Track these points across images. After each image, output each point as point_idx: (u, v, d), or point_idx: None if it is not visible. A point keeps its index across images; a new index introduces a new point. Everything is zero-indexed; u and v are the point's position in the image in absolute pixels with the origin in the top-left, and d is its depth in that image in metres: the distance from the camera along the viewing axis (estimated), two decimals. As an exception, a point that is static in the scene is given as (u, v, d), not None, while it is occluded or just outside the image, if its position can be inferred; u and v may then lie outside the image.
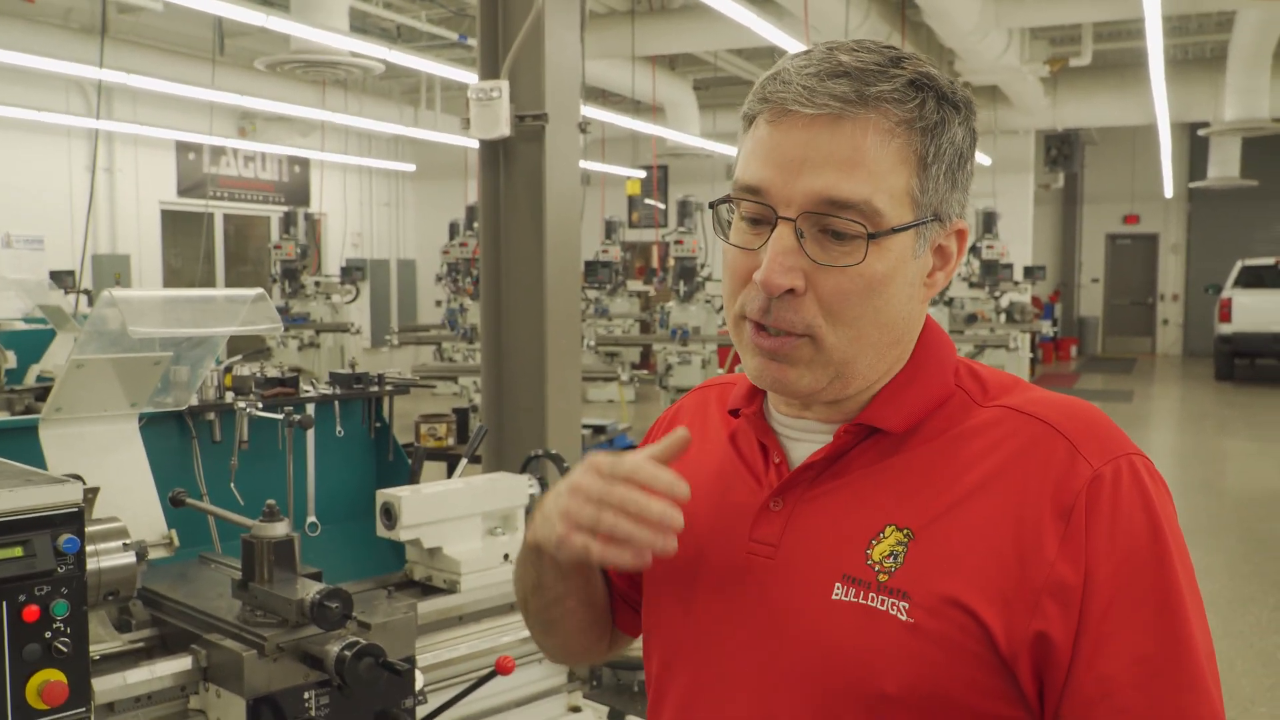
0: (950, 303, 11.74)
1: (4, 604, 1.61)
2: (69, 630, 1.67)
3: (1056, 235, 22.62)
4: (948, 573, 0.99)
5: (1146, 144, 18.34)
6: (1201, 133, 14.29)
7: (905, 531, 1.02)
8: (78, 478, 1.78)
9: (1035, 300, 16.79)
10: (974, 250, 12.42)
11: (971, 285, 12.39)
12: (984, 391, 1.09)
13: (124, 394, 2.41)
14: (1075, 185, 21.82)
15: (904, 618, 0.99)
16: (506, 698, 2.51)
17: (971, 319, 12.13)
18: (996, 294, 12.46)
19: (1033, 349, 15.87)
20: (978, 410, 1.07)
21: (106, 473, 2.30)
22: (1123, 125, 16.88)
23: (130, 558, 2.00)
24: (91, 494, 2.03)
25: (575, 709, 2.66)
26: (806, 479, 1.10)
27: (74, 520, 1.70)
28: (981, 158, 15.45)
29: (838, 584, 1.03)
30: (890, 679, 0.99)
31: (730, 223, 1.08)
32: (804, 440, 1.13)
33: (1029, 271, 14.54)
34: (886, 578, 1.01)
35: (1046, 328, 16.64)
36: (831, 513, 1.07)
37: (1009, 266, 12.45)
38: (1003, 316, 12.63)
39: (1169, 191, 19.26)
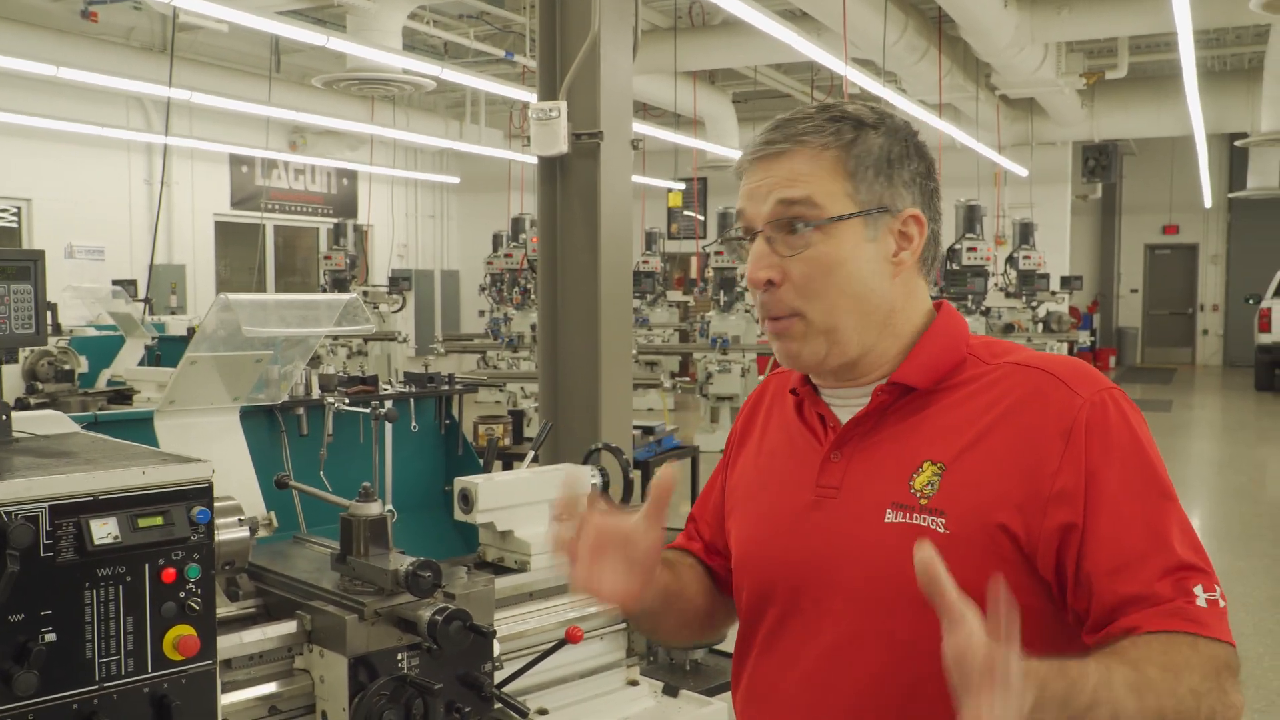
0: (987, 312, 11.78)
1: (147, 566, 1.84)
2: (199, 591, 1.88)
3: (1095, 245, 22.56)
4: (975, 492, 1.27)
5: (1185, 155, 18.29)
6: (1239, 143, 14.34)
7: (939, 465, 1.31)
8: (196, 461, 2.00)
9: (1073, 310, 16.79)
10: (1010, 260, 12.51)
11: (1008, 295, 12.42)
12: (991, 354, 1.38)
13: (226, 389, 2.65)
14: (1114, 196, 21.79)
15: (942, 530, 1.27)
16: (571, 669, 2.71)
17: (1008, 329, 12.16)
18: (1033, 304, 12.50)
19: (1070, 359, 15.83)
20: (986, 368, 1.36)
21: (213, 459, 2.52)
22: (1160, 136, 16.89)
23: (245, 532, 2.24)
24: (208, 475, 2.27)
25: (633, 682, 2.86)
26: (857, 435, 1.39)
27: (205, 494, 1.92)
28: (1018, 169, 15.54)
29: (888, 510, 1.32)
30: None
31: (749, 252, 1.40)
32: (847, 405, 1.43)
33: (1066, 281, 14.56)
34: (926, 501, 1.29)
35: (1084, 338, 16.63)
36: (879, 457, 1.36)
37: (1045, 276, 12.49)
38: (1040, 326, 12.68)
39: (1208, 201, 19.23)
